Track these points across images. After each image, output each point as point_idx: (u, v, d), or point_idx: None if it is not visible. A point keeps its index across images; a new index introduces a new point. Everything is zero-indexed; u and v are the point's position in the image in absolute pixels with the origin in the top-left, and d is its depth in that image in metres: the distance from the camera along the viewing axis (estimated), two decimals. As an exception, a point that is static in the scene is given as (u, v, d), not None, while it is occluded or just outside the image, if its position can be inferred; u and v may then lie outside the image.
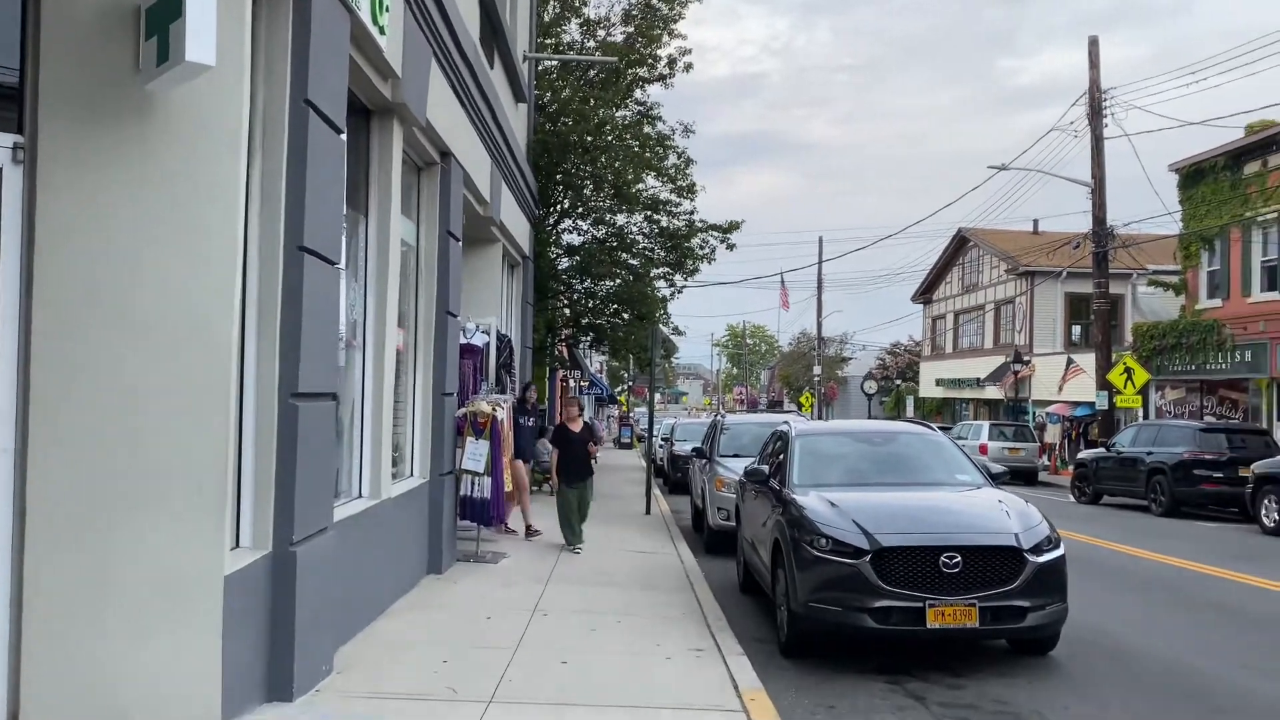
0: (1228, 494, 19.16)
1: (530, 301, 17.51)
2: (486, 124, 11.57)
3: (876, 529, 7.09)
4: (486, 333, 11.64)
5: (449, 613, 8.13)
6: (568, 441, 11.90)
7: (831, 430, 9.75)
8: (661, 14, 19.78)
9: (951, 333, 47.67)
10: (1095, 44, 28.05)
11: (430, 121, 8.65)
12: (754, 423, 15.32)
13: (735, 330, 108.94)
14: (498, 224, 13.23)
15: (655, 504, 17.41)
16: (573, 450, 11.87)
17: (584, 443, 11.86)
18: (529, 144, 17.36)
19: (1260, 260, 26.24)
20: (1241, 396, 26.40)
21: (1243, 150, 26.45)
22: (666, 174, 19.42)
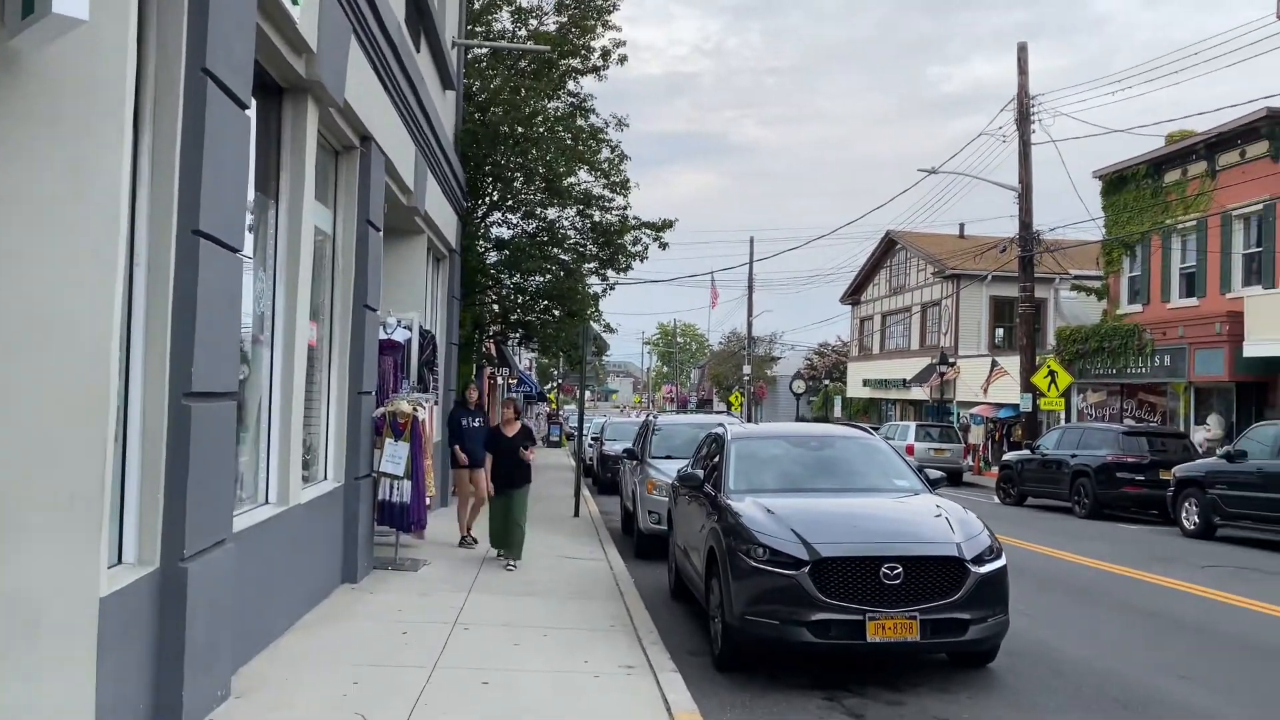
0: (1149, 497, 19.46)
1: (457, 296, 16.96)
2: (411, 109, 11.04)
3: (815, 538, 6.79)
4: (408, 328, 11.10)
5: (363, 626, 7.62)
6: (499, 446, 10.98)
7: (768, 434, 9.46)
8: (595, 4, 19.34)
9: (879, 334, 48.12)
10: (1024, 50, 28.40)
11: (349, 103, 8.13)
12: (687, 424, 15.00)
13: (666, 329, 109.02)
14: (422, 215, 12.69)
15: (584, 505, 17.01)
16: (504, 455, 10.94)
17: (517, 448, 10.89)
18: (457, 133, 16.80)
19: (1179, 267, 26.84)
20: (1160, 400, 26.98)
21: (1163, 159, 27.02)
22: (600, 168, 18.98)
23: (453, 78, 15.48)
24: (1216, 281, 25.08)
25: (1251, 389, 23.42)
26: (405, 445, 9.77)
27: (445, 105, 15.51)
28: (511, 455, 10.91)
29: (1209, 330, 23.76)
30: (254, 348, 7.06)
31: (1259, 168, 23.47)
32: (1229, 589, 11.13)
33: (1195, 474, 17.07)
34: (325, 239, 8.95)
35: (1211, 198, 25.11)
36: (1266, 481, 15.32)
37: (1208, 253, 25.35)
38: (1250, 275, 24.03)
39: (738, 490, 7.96)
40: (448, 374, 16.49)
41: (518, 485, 10.85)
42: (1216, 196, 24.89)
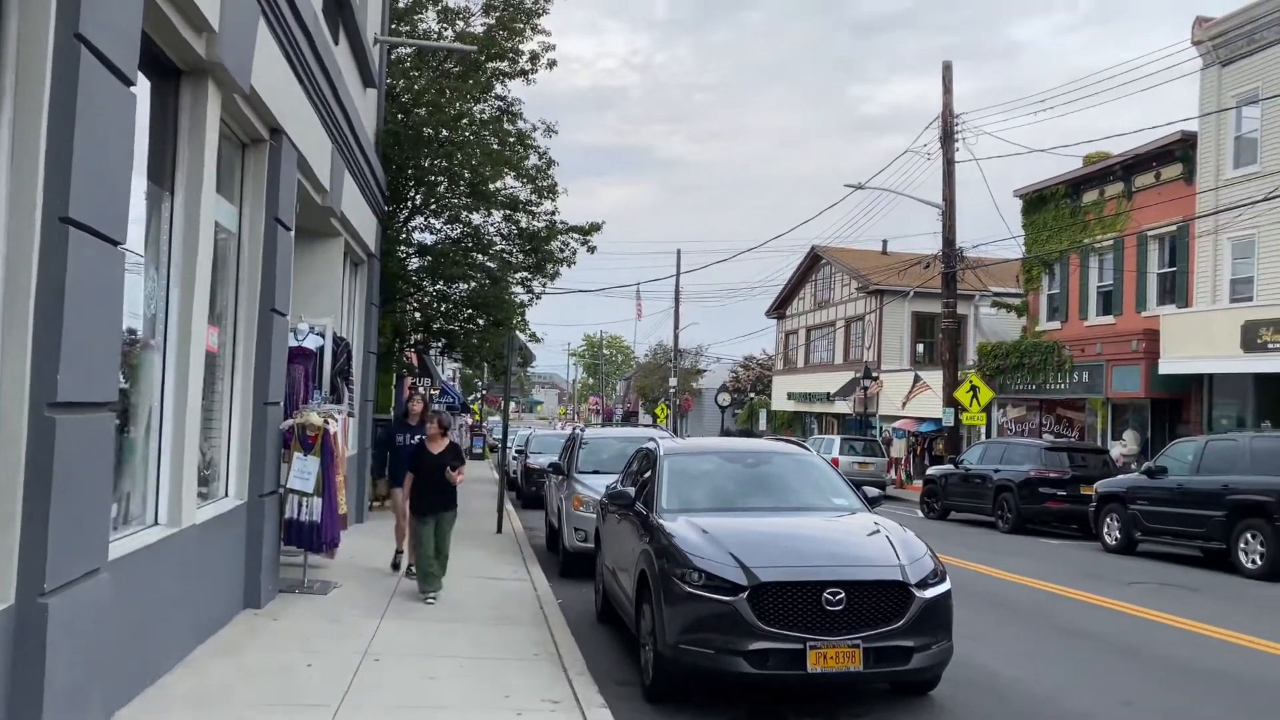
0: (1070, 512, 19.62)
1: (376, 303, 16.27)
2: (327, 103, 10.42)
3: (754, 562, 6.40)
4: (321, 335, 10.44)
5: (263, 658, 6.99)
6: (422, 465, 9.79)
7: (703, 449, 9.05)
8: (525, 7, 18.86)
9: (804, 348, 48.37)
10: (949, 70, 28.71)
11: (257, 90, 7.52)
12: (615, 437, 14.55)
13: (592, 340, 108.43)
14: (339, 216, 12.05)
15: (507, 521, 16.43)
16: (427, 475, 9.73)
17: (442, 467, 9.67)
18: (379, 134, 16.15)
19: (1097, 285, 27.37)
20: (1078, 415, 27.43)
21: (1081, 180, 27.56)
22: (527, 173, 18.48)
23: (374, 76, 14.85)
24: (1132, 300, 25.60)
25: (1166, 405, 23.92)
26: (315, 460, 9.13)
27: (366, 104, 14.86)
28: (436, 475, 9.69)
29: (1126, 348, 24.22)
30: (143, 353, 6.41)
31: (1173, 190, 24.04)
32: (1158, 607, 11.08)
33: (1117, 490, 17.22)
34: (229, 237, 8.30)
35: (1128, 218, 25.66)
36: (1186, 497, 15.47)
37: (1124, 272, 25.89)
38: (1165, 294, 24.58)
39: (671, 509, 7.54)
40: (365, 384, 15.79)
41: (442, 510, 9.67)
42: (1133, 217, 25.45)
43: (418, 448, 10.06)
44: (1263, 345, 19.57)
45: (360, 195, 13.87)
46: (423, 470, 9.78)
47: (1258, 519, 14.06)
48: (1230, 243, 22.11)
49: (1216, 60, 22.42)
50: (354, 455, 12.72)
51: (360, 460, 14.62)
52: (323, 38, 10.03)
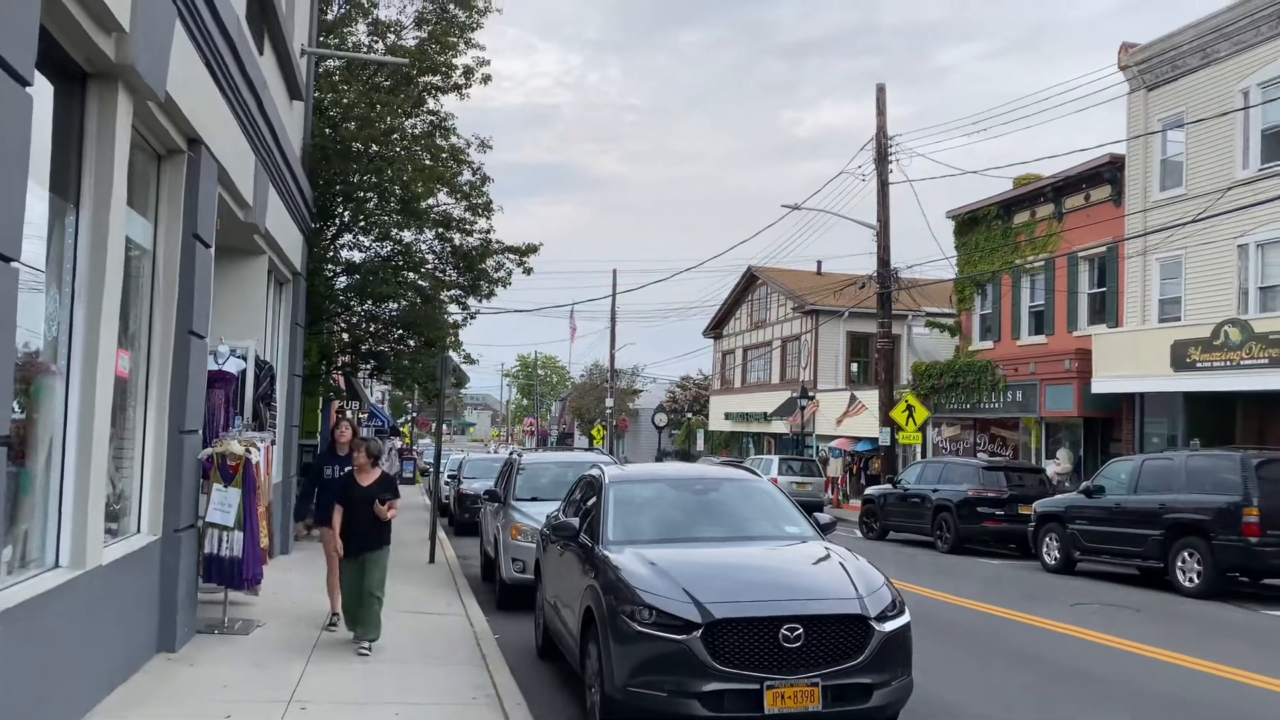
0: (1008, 531, 19.69)
1: (302, 324, 15.63)
2: (251, 114, 9.90)
3: (707, 597, 6.06)
4: (243, 358, 9.87)
5: (176, 710, 6.43)
6: (350, 498, 8.69)
7: (649, 476, 8.68)
8: (458, 21, 18.47)
9: (740, 368, 48.43)
10: (883, 92, 28.97)
11: (173, 97, 7.03)
12: (554, 462, 14.11)
13: (526, 361, 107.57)
14: (263, 233, 11.49)
15: (441, 550, 15.88)
16: (356, 509, 8.62)
17: (371, 500, 8.56)
18: (305, 148, 15.58)
19: (1029, 305, 27.76)
20: (1012, 434, 27.72)
21: (1013, 201, 27.99)
22: (460, 190, 18.03)
23: (301, 88, 14.31)
24: (1064, 320, 26.00)
25: (1098, 424, 24.27)
26: (236, 491, 8.57)
27: (292, 117, 14.32)
28: (365, 510, 8.58)
29: (1059, 367, 24.54)
30: (43, 379, 5.87)
31: (1102, 211, 24.50)
32: (1105, 630, 11.00)
33: (1055, 509, 17.29)
34: (142, 254, 7.76)
35: (1058, 239, 26.09)
36: (1124, 516, 15.57)
37: (1055, 292, 26.29)
38: (1095, 314, 24.99)
39: (617, 541, 7.17)
40: (290, 409, 15.15)
41: (373, 548, 8.61)
42: (1063, 238, 25.88)
43: (345, 479, 8.97)
44: (1191, 364, 19.92)
45: (285, 211, 13.30)
46: (351, 504, 8.67)
47: (1195, 538, 14.17)
48: (1159, 263, 22.55)
49: (1143, 85, 22.93)
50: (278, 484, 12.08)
51: (285, 489, 13.98)
52: (246, 46, 9.54)
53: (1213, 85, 21.08)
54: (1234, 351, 19.00)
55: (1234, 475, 14.00)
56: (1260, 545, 13.48)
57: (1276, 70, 19.69)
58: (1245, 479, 13.77)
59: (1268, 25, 19.88)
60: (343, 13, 19.17)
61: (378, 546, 8.71)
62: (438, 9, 18.68)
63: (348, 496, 8.72)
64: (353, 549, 8.66)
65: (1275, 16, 19.69)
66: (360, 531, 8.63)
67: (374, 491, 8.69)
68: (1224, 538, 13.75)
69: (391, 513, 8.73)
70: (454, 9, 18.53)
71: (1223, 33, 20.79)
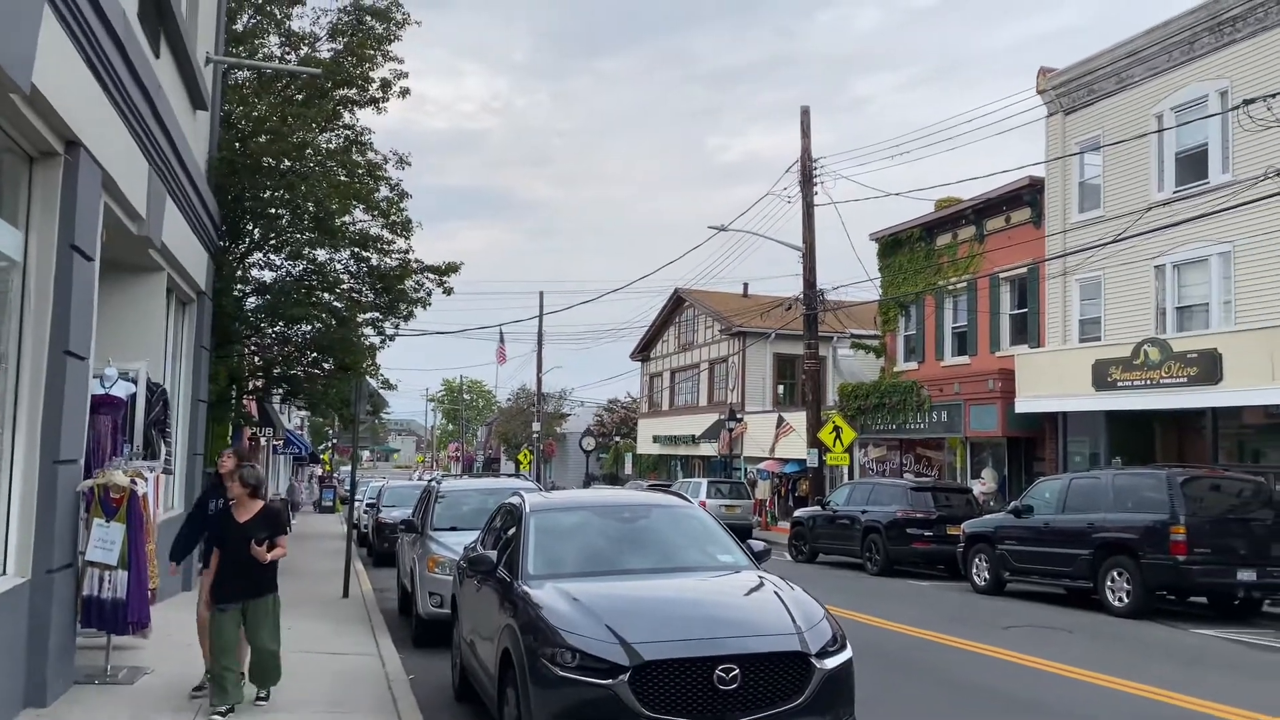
0: (937, 552, 19.59)
1: (208, 346, 14.79)
2: (143, 119, 9.20)
3: (636, 636, 5.57)
4: (133, 381, 9.11)
5: (37, 778, 5.69)
6: (226, 537, 7.41)
7: (573, 503, 8.13)
8: (375, 33, 17.84)
9: (668, 390, 48.15)
10: (807, 114, 29.04)
11: (42, 91, 6.36)
12: (475, 490, 13.47)
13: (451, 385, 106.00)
14: (159, 247, 10.73)
15: (356, 582, 15.10)
16: (233, 550, 7.33)
17: (249, 539, 7.23)
18: (211, 161, 14.80)
19: (952, 326, 27.96)
20: (937, 454, 27.81)
21: (935, 223, 28.22)
22: (378, 207, 17.35)
23: (205, 98, 13.55)
24: (987, 340, 26.20)
25: (1022, 443, 24.43)
26: (120, 527, 7.81)
27: (196, 127, 13.56)
28: (241, 551, 7.24)
29: (982, 387, 24.68)
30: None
31: (1023, 233, 24.78)
32: (1041, 653, 10.77)
33: (984, 529, 17.19)
34: (11, 266, 7.03)
35: (980, 261, 26.32)
36: (1053, 536, 15.52)
37: (978, 313, 26.51)
38: (1018, 335, 25.22)
39: (538, 575, 6.63)
40: (194, 436, 14.29)
41: (253, 595, 7.32)
42: (985, 260, 26.11)
43: (220, 514, 7.73)
44: (1113, 384, 20.12)
45: (187, 226, 12.53)
46: (228, 544, 7.38)
47: (1123, 557, 14.14)
48: (1078, 284, 22.83)
49: (1060, 109, 23.29)
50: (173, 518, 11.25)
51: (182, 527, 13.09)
52: (137, 45, 8.85)
53: (1128, 109, 21.48)
54: (1154, 370, 19.23)
55: (1160, 493, 14.01)
56: (1188, 563, 13.48)
57: (1189, 94, 20.11)
58: (1171, 497, 13.78)
59: (1180, 51, 20.32)
60: (253, 24, 18.39)
61: (257, 594, 7.32)
62: (354, 21, 18.03)
63: (223, 535, 7.44)
64: (228, 595, 7.28)
65: (1187, 42, 20.14)
66: (238, 576, 7.28)
67: (253, 529, 7.32)
68: (1152, 556, 13.73)
69: (276, 552, 7.35)
70: (371, 21, 17.90)
71: (1138, 58, 21.21)
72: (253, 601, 7.33)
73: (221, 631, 7.26)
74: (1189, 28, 20.05)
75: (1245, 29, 19.04)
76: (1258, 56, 18.74)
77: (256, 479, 7.56)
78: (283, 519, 7.81)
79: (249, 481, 7.50)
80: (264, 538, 7.29)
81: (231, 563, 7.33)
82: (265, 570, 7.36)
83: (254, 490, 7.52)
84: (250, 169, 15.82)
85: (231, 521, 7.46)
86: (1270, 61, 18.44)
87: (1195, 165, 20.11)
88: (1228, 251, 19.18)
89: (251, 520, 7.40)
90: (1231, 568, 13.58)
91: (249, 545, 7.20)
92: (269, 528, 7.42)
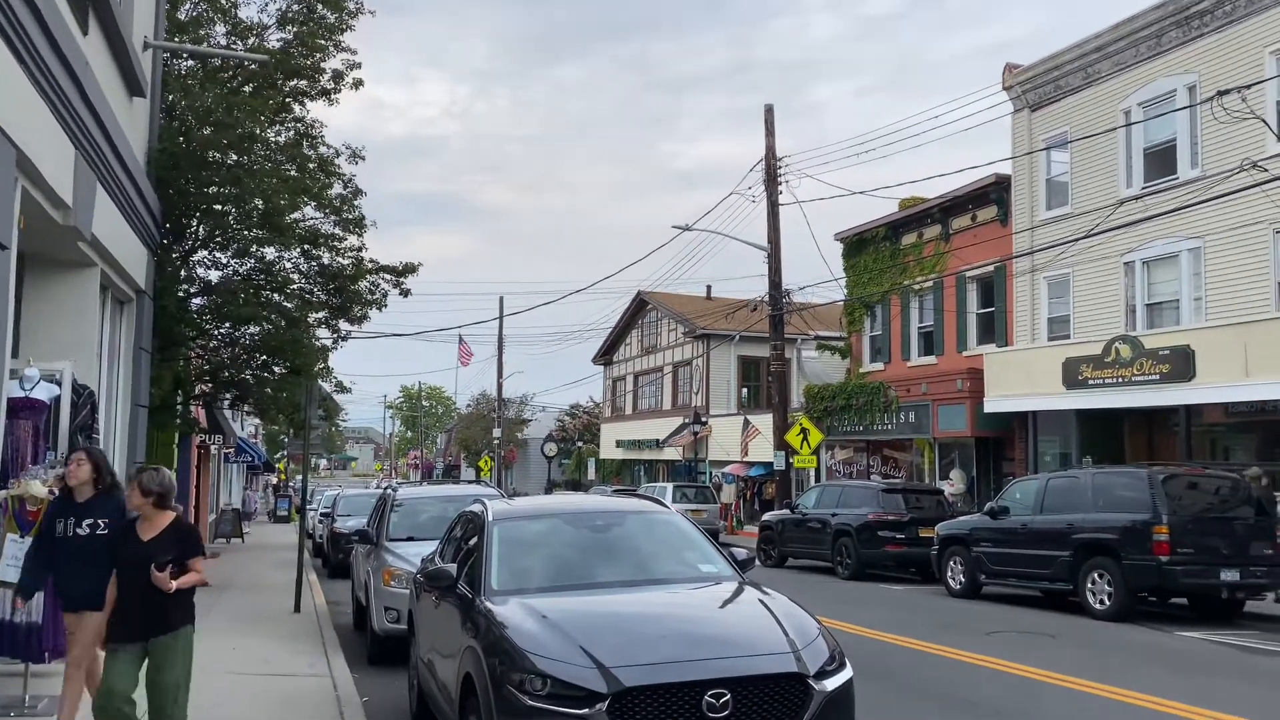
0: (909, 555, 19.17)
1: (148, 349, 13.94)
2: (65, 96, 8.45)
3: (614, 659, 4.98)
4: (57, 383, 8.35)
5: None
6: (123, 560, 5.91)
7: (540, 511, 7.47)
8: (327, 23, 17.10)
9: (631, 394, 47.59)
10: (771, 112, 28.65)
11: (-62, 55, 5.65)
12: (433, 497, 12.79)
13: (410, 391, 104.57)
14: (89, 239, 9.94)
15: (310, 595, 14.35)
16: (130, 575, 5.84)
17: (148, 562, 5.73)
18: (151, 153, 13.97)
19: (918, 326, 27.69)
20: (904, 456, 27.51)
21: (900, 223, 27.95)
22: (330, 203, 16.60)
23: (143, 84, 12.74)
24: (954, 340, 25.94)
25: (990, 443, 24.17)
26: (37, 542, 7.06)
27: (133, 115, 12.75)
28: (140, 577, 5.74)
29: (951, 387, 24.39)
30: None
31: (989, 231, 24.55)
32: (1029, 661, 10.30)
33: (959, 531, 16.79)
34: (-93, 253, 6.28)
35: (946, 260, 26.06)
36: (1031, 538, 15.13)
37: (944, 312, 26.25)
38: (985, 334, 24.98)
39: (503, 590, 6.02)
40: (133, 444, 13.45)
41: (158, 632, 5.81)
42: (951, 258, 25.86)
43: (121, 532, 6.08)
44: (1083, 382, 19.87)
45: (124, 220, 11.74)
46: (125, 568, 5.88)
47: (1104, 558, 13.77)
48: (1046, 282, 22.62)
49: (1026, 105, 23.09)
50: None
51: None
52: (58, 16, 8.11)
53: (1095, 105, 21.30)
54: (1125, 368, 19.00)
55: (1141, 492, 13.66)
56: (1171, 564, 13.12)
57: (1157, 89, 19.95)
58: (1154, 496, 13.43)
59: (1146, 45, 20.16)
60: (198, 12, 17.56)
61: (164, 630, 5.81)
62: (304, 9, 17.30)
63: (120, 558, 5.93)
64: (125, 631, 5.80)
65: (1154, 37, 19.99)
66: (138, 607, 5.77)
67: (157, 549, 5.82)
68: (1135, 557, 13.37)
69: (190, 579, 5.88)
70: (322, 9, 17.17)
71: (1104, 53, 21.03)
72: (160, 640, 5.79)
73: (111, 680, 5.70)
74: (1156, 22, 19.90)
75: (1213, 23, 18.91)
76: (1225, 50, 18.61)
77: (161, 485, 6.03)
78: (195, 536, 6.22)
79: (151, 488, 5.97)
80: (168, 561, 5.78)
81: (132, 591, 5.80)
82: (175, 600, 5.83)
83: (160, 499, 5.99)
84: (195, 162, 15.01)
85: (131, 540, 5.94)
86: (1238, 55, 18.31)
87: (1164, 160, 19.95)
88: (1198, 247, 19.02)
89: (157, 538, 5.89)
90: (1214, 568, 13.26)
91: (148, 571, 5.68)
92: (179, 547, 5.91)
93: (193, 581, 5.93)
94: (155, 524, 5.97)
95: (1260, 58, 17.86)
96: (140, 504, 6.00)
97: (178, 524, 6.05)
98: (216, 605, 14.14)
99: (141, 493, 5.97)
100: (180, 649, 5.86)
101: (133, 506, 6.11)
